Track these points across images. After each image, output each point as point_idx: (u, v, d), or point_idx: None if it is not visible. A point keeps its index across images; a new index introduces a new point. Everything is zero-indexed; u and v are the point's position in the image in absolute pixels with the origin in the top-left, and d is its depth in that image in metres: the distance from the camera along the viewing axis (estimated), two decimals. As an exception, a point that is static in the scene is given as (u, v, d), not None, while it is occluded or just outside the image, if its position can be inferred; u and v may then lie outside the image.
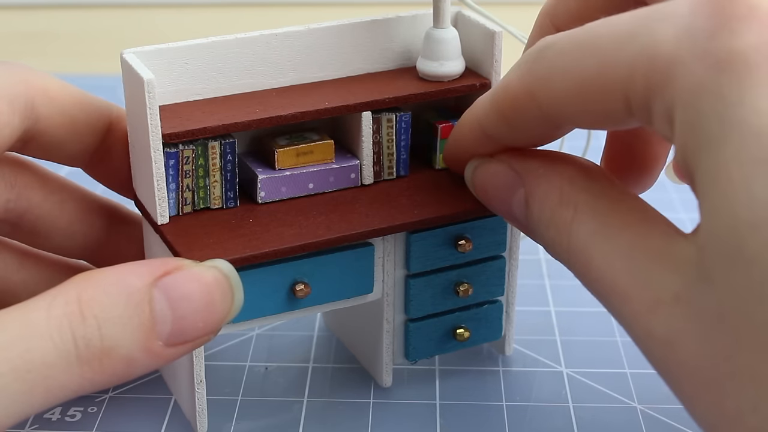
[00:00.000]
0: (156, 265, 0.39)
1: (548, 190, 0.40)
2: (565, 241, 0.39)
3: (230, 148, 0.47)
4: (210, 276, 0.40)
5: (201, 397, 0.46)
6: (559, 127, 0.40)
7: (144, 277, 0.38)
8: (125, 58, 0.45)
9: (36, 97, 0.46)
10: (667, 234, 0.36)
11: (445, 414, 0.49)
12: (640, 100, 0.35)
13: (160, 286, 0.38)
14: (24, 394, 0.36)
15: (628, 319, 0.36)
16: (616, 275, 0.36)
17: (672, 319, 0.34)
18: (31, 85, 0.46)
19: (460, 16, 0.51)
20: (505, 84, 0.41)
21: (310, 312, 0.47)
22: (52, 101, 0.46)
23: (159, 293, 0.38)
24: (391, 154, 0.49)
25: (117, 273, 0.38)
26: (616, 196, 0.39)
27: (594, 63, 0.36)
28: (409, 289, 0.48)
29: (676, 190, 0.69)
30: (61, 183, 0.50)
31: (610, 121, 0.37)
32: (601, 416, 0.49)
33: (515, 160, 0.42)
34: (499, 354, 0.53)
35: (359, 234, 0.46)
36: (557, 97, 0.38)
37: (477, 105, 0.43)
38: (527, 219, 0.41)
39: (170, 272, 0.39)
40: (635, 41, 0.35)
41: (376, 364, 0.51)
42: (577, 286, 0.38)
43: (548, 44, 0.38)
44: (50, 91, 0.46)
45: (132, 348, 0.37)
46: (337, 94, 0.48)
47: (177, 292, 0.38)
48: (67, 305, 0.37)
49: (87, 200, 0.50)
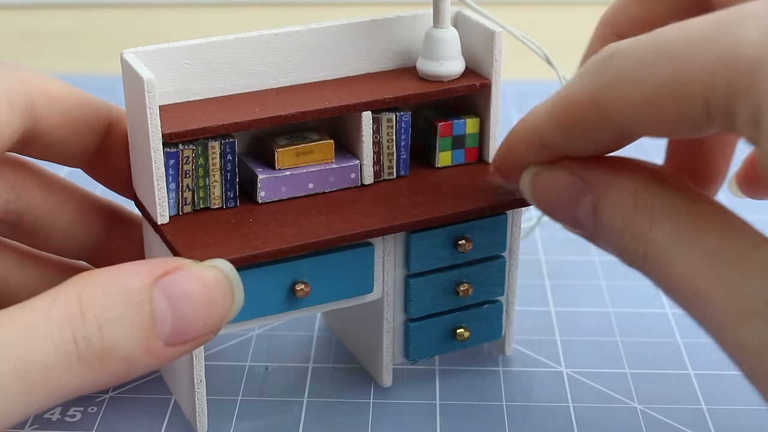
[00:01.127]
0: (156, 265, 0.39)
1: (620, 197, 0.39)
2: (642, 248, 0.38)
3: (230, 148, 0.47)
4: (210, 275, 0.40)
5: (201, 397, 0.46)
6: (626, 136, 0.39)
7: (144, 276, 0.38)
8: (125, 58, 0.45)
9: (36, 97, 0.46)
10: (752, 239, 0.35)
11: (445, 414, 0.49)
12: (721, 104, 0.34)
13: (160, 285, 0.38)
14: (24, 394, 0.36)
15: (715, 328, 0.35)
16: (701, 282, 0.35)
17: (766, 329, 0.33)
18: (31, 85, 0.46)
19: (460, 16, 0.51)
20: (564, 94, 0.39)
21: (310, 312, 0.47)
22: (52, 102, 0.46)
23: (159, 293, 0.38)
24: (391, 154, 0.49)
25: (117, 273, 0.38)
26: (694, 199, 0.38)
27: (668, 69, 0.35)
28: (409, 289, 0.48)
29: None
30: (61, 184, 0.50)
31: (686, 127, 0.36)
32: (601, 416, 0.49)
33: (579, 166, 0.41)
34: (499, 354, 0.53)
35: (359, 234, 0.46)
36: (628, 106, 0.37)
37: (533, 114, 0.41)
38: (595, 226, 0.40)
39: (170, 272, 0.39)
40: (712, 45, 0.34)
41: (376, 364, 0.51)
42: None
43: (614, 51, 0.37)
44: (50, 91, 0.46)
45: (132, 348, 0.37)
46: (337, 94, 0.48)
47: (177, 292, 0.38)
48: (67, 305, 0.37)
49: (87, 201, 0.50)
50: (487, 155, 0.51)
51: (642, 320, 0.56)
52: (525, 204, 0.49)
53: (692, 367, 0.52)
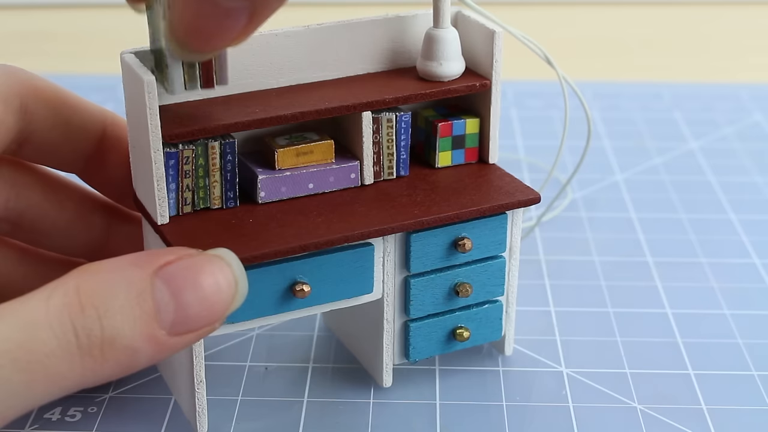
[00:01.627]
0: (158, 255, 0.39)
1: None
2: None
3: (230, 148, 0.47)
4: (213, 265, 0.39)
5: (201, 397, 0.46)
6: None
7: (144, 267, 0.38)
8: (125, 58, 0.45)
9: (30, 98, 0.46)
10: None
11: (445, 414, 0.49)
12: None
13: (161, 275, 0.38)
14: (25, 385, 0.36)
15: None
16: None
17: None
18: (26, 86, 0.46)
19: (460, 16, 0.51)
20: None
21: (310, 312, 0.47)
22: (46, 103, 0.46)
23: (160, 282, 0.38)
24: (391, 154, 0.49)
25: (117, 263, 0.38)
26: None
27: None
28: (409, 289, 0.48)
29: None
30: (61, 182, 0.50)
31: None
32: (601, 416, 0.49)
33: None
34: (499, 354, 0.53)
35: (359, 234, 0.46)
36: None
37: None
38: None
39: (172, 262, 0.39)
40: None
41: (376, 364, 0.51)
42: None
43: None
44: (44, 92, 0.46)
45: (135, 338, 0.37)
46: (337, 94, 0.48)
47: (179, 281, 0.38)
48: (65, 296, 0.37)
49: (87, 200, 0.50)
50: (487, 155, 0.51)
51: (642, 320, 0.56)
52: (525, 204, 0.49)
53: (692, 367, 0.52)
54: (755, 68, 0.93)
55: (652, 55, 0.95)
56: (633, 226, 0.65)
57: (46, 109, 0.46)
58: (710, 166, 0.73)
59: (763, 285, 0.60)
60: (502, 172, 0.51)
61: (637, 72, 0.91)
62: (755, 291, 0.59)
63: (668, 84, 0.87)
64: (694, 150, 0.76)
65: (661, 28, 1.02)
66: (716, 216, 0.67)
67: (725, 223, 0.66)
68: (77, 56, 0.93)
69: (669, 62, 0.94)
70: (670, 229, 0.65)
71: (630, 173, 0.72)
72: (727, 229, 0.65)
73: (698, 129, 0.79)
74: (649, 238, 0.64)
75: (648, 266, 0.61)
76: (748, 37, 1.00)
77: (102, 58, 0.82)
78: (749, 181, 0.71)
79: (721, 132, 0.79)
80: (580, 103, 0.55)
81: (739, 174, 0.72)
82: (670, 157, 0.75)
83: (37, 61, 0.91)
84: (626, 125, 0.80)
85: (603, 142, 0.77)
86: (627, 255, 0.62)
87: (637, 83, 0.87)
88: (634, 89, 0.86)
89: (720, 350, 0.54)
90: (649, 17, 1.04)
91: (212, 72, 0.44)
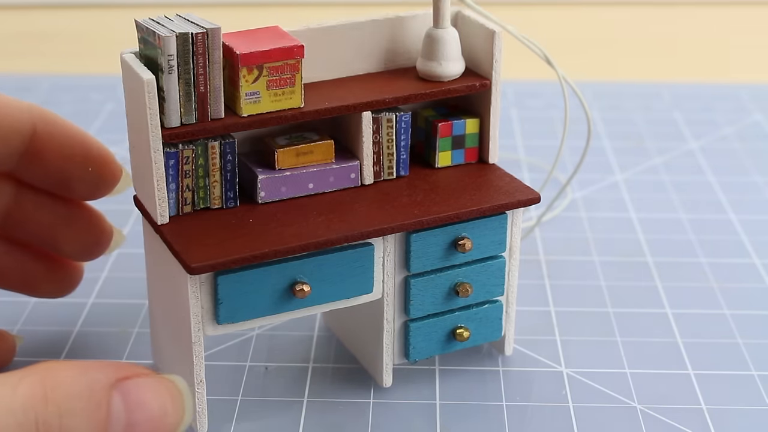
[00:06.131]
0: (120, 367, 0.40)
1: None
2: None
3: (230, 148, 0.47)
4: (166, 388, 0.40)
5: (201, 397, 0.46)
6: None
7: (109, 375, 0.39)
8: (125, 59, 0.45)
9: None
10: None
11: (445, 414, 0.49)
12: None
13: (120, 388, 0.39)
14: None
15: None
16: None
17: None
18: None
19: (460, 16, 0.51)
20: None
21: (310, 312, 0.47)
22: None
23: (118, 395, 0.39)
24: (391, 154, 0.49)
25: (85, 366, 0.39)
26: None
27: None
28: (409, 289, 0.48)
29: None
30: None
31: None
32: (601, 416, 0.49)
33: None
34: (499, 354, 0.53)
35: (359, 234, 0.46)
36: None
37: None
38: None
39: (130, 377, 0.39)
40: None
41: (376, 364, 0.51)
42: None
43: None
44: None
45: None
46: (337, 94, 0.48)
47: (134, 398, 0.39)
48: (32, 386, 0.37)
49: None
50: (487, 155, 0.51)
51: (642, 320, 0.56)
52: (525, 204, 0.49)
53: (692, 367, 0.52)
54: (755, 68, 0.93)
55: (652, 55, 0.95)
56: (633, 226, 0.65)
57: None
58: (710, 166, 0.73)
59: (763, 285, 0.60)
60: (502, 172, 0.51)
61: (637, 72, 0.91)
62: (755, 291, 0.59)
63: (668, 84, 0.87)
64: (694, 150, 0.76)
65: (662, 28, 1.02)
66: (716, 216, 0.67)
67: (725, 223, 0.66)
68: (77, 56, 0.93)
69: (669, 62, 0.94)
70: (670, 229, 0.65)
71: (630, 173, 0.72)
72: (727, 229, 0.65)
73: (698, 129, 0.79)
74: (649, 238, 0.64)
75: (648, 266, 0.61)
76: (748, 37, 1.00)
77: (102, 58, 0.82)
78: (749, 181, 0.71)
79: (721, 132, 0.79)
80: (580, 103, 0.55)
81: (739, 174, 0.72)
82: (670, 157, 0.75)
83: (38, 61, 0.91)
84: (626, 125, 0.80)
85: (603, 142, 0.77)
86: (627, 255, 0.62)
87: (637, 83, 0.87)
88: (634, 89, 0.86)
89: (720, 350, 0.54)
90: (650, 17, 1.04)
91: (207, 106, 0.45)
